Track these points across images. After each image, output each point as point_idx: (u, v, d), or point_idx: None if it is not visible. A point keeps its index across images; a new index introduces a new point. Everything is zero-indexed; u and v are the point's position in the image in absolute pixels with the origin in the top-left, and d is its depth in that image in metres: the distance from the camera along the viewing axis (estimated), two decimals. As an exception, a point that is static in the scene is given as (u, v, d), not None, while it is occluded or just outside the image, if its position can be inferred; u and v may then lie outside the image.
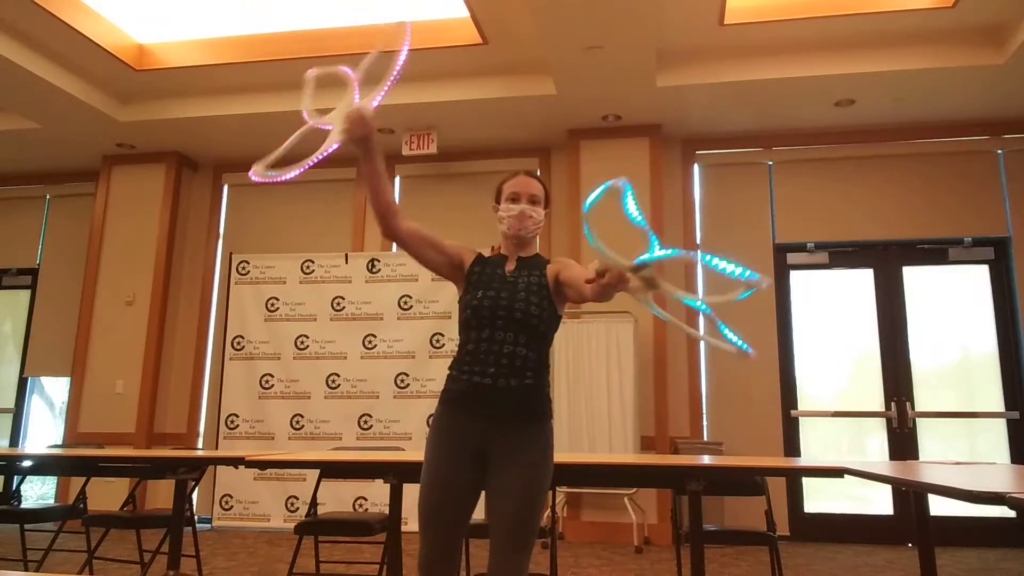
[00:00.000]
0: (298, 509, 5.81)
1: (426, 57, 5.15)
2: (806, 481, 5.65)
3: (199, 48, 5.50)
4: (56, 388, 7.10)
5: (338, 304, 6.15)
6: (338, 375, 6.02)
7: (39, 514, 3.95)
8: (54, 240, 7.15)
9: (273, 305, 6.23)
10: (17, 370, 6.98)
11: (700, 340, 1.42)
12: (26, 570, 3.91)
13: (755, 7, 4.85)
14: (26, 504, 5.35)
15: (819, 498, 5.67)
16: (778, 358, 5.79)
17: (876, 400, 5.70)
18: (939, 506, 3.72)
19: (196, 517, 4.00)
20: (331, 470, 3.53)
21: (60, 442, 5.88)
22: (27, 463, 3.71)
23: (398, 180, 6.58)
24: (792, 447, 5.70)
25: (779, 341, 5.83)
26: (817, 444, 5.79)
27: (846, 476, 2.40)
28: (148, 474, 4.19)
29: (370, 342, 6.03)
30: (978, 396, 5.63)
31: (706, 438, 5.72)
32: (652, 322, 5.59)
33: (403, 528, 2.74)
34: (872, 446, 5.70)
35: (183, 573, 3.11)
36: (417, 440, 5.70)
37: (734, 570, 4.39)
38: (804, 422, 5.79)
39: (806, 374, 5.84)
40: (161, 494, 6.21)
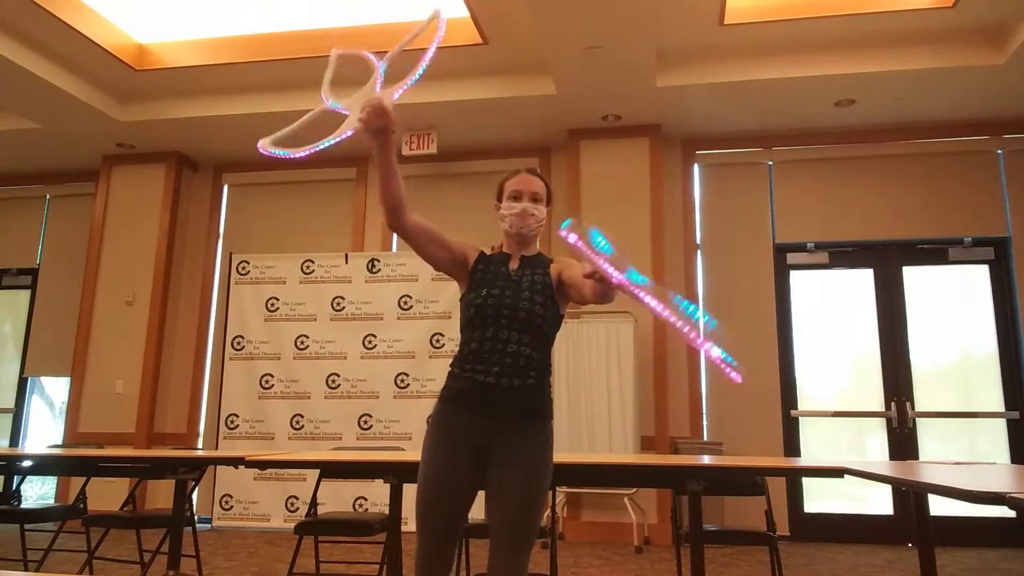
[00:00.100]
0: (298, 509, 5.81)
1: (421, 56, 5.13)
2: (806, 481, 5.65)
3: (199, 48, 5.50)
4: (56, 388, 7.10)
5: (338, 304, 6.15)
6: (338, 375, 6.02)
7: (39, 514, 3.95)
8: (54, 240, 7.15)
9: (273, 305, 6.23)
10: (17, 370, 6.98)
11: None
12: (26, 570, 3.91)
13: (755, 7, 4.85)
14: (26, 504, 5.35)
15: (819, 498, 5.67)
16: (778, 358, 5.80)
17: (876, 400, 5.70)
18: (939, 506, 3.72)
19: (196, 517, 4.00)
20: (331, 470, 3.53)
21: (60, 442, 5.88)
22: (27, 463, 3.71)
23: (398, 180, 6.58)
24: (792, 447, 5.70)
25: (779, 341, 5.83)
26: (817, 444, 5.79)
27: (846, 476, 2.40)
28: (148, 474, 4.19)
29: (370, 342, 6.03)
30: (978, 396, 5.62)
31: (706, 438, 5.72)
32: (652, 322, 5.59)
33: (403, 528, 2.74)
34: (872, 446, 5.70)
35: (183, 573, 3.11)
36: (417, 440, 5.70)
37: (734, 570, 4.39)
38: (804, 422, 5.79)
39: (806, 374, 5.84)
40: (161, 494, 6.21)
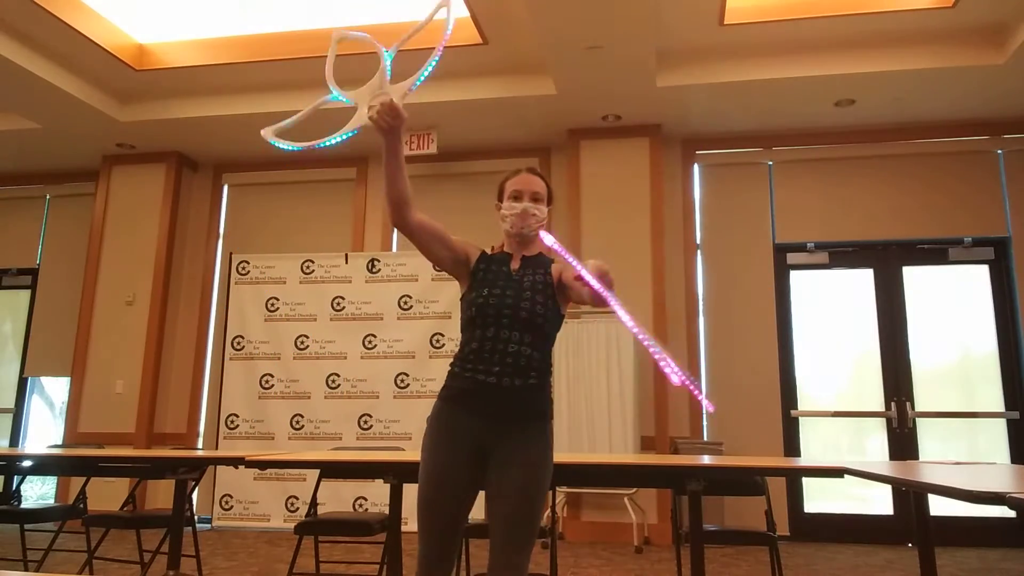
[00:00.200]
0: (298, 509, 5.81)
1: (426, 57, 5.13)
2: (806, 481, 5.65)
3: (199, 48, 5.50)
4: (56, 388, 7.10)
5: (338, 304, 6.15)
6: (338, 375, 6.02)
7: (39, 514, 3.95)
8: (54, 240, 7.15)
9: (273, 305, 6.23)
10: (17, 370, 6.98)
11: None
12: (26, 570, 3.91)
13: (755, 7, 4.85)
14: (26, 504, 5.35)
15: (819, 498, 5.67)
16: (778, 358, 5.80)
17: (876, 400, 5.70)
18: (939, 506, 3.72)
19: (196, 517, 4.00)
20: (331, 470, 3.53)
21: (60, 442, 5.88)
22: (27, 463, 3.71)
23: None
24: (792, 447, 5.70)
25: (779, 341, 5.83)
26: (817, 444, 5.79)
27: (846, 476, 2.40)
28: (148, 474, 4.19)
29: (370, 342, 6.03)
30: (978, 396, 5.62)
31: (706, 438, 5.72)
32: (652, 321, 5.59)
33: (403, 528, 2.74)
34: (872, 446, 5.70)
35: (183, 573, 3.11)
36: (417, 440, 5.63)
37: (734, 570, 4.39)
38: (804, 422, 5.79)
39: (806, 374, 5.84)
40: (161, 494, 6.21)
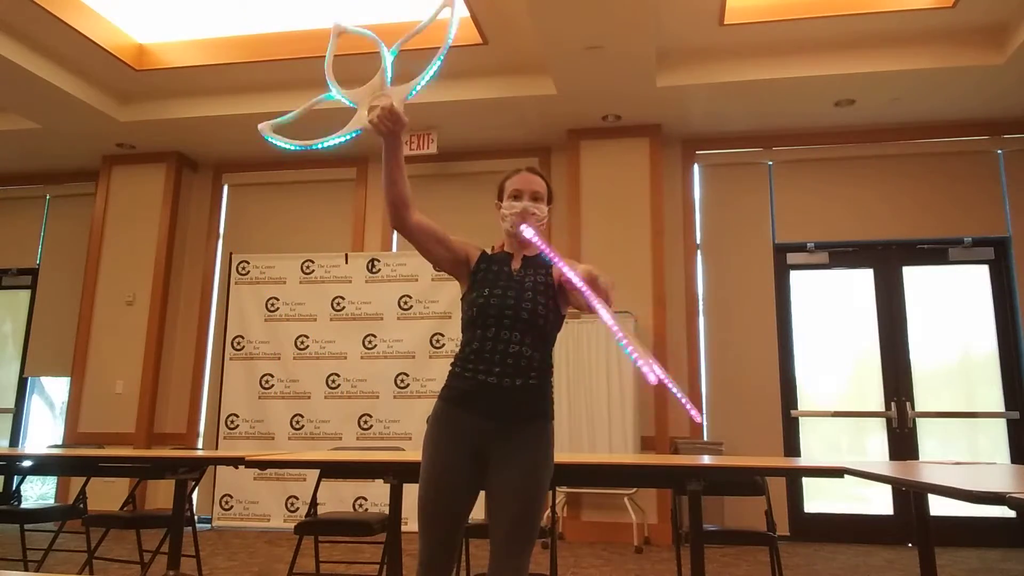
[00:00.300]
0: (298, 509, 5.81)
1: (427, 57, 5.14)
2: (806, 481, 5.65)
3: (199, 48, 5.50)
4: (56, 388, 7.10)
5: (338, 304, 6.15)
6: (338, 375, 6.02)
7: (39, 514, 3.94)
8: (54, 240, 7.15)
9: (273, 305, 6.23)
10: (17, 370, 6.98)
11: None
12: (26, 570, 3.91)
13: (755, 7, 4.85)
14: (26, 504, 5.35)
15: (819, 498, 5.67)
16: (778, 358, 5.80)
17: (876, 400, 5.70)
18: (939, 506, 3.72)
19: (196, 517, 4.00)
20: (331, 470, 3.53)
21: (60, 442, 5.89)
22: (27, 463, 3.71)
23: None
24: (792, 447, 5.70)
25: (779, 341, 5.83)
26: (817, 444, 5.78)
27: (846, 476, 2.39)
28: (148, 474, 4.18)
29: (370, 342, 6.03)
30: (978, 396, 5.62)
31: (706, 438, 5.72)
32: (652, 321, 5.59)
33: (403, 528, 2.74)
34: (872, 446, 5.70)
35: (183, 573, 3.10)
36: (417, 440, 5.70)
37: (734, 570, 4.39)
38: (804, 422, 5.79)
39: (806, 374, 5.84)
40: (161, 494, 6.21)
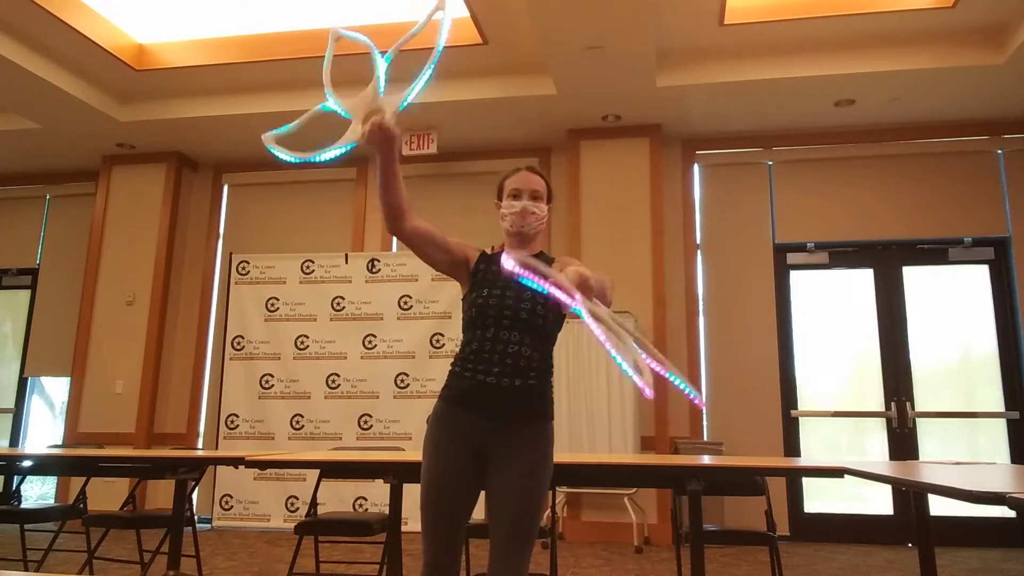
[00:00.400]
0: (298, 509, 5.81)
1: (426, 57, 5.14)
2: (806, 481, 5.65)
3: (199, 48, 5.50)
4: (56, 388, 7.10)
5: (338, 304, 6.15)
6: (338, 375, 6.02)
7: (39, 514, 3.94)
8: (54, 240, 7.15)
9: (273, 305, 6.23)
10: (17, 370, 6.98)
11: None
12: (26, 570, 3.91)
13: (755, 7, 4.85)
14: (26, 504, 5.35)
15: (819, 498, 5.67)
16: (778, 358, 5.80)
17: (876, 400, 5.70)
18: (939, 506, 3.72)
19: (196, 517, 4.00)
20: (331, 470, 3.53)
21: (60, 442, 5.89)
22: (27, 463, 3.71)
23: (398, 180, 6.57)
24: (792, 447, 5.70)
25: (779, 341, 5.83)
26: (817, 444, 5.78)
27: (846, 476, 2.39)
28: (148, 474, 4.19)
29: (370, 342, 6.03)
30: (978, 396, 5.62)
31: (706, 438, 5.72)
32: (652, 321, 5.59)
33: (403, 528, 2.74)
34: (872, 446, 5.70)
35: (183, 573, 3.10)
36: (417, 440, 5.70)
37: (734, 570, 4.39)
38: (804, 422, 5.78)
39: (806, 374, 5.84)
40: (161, 494, 6.21)
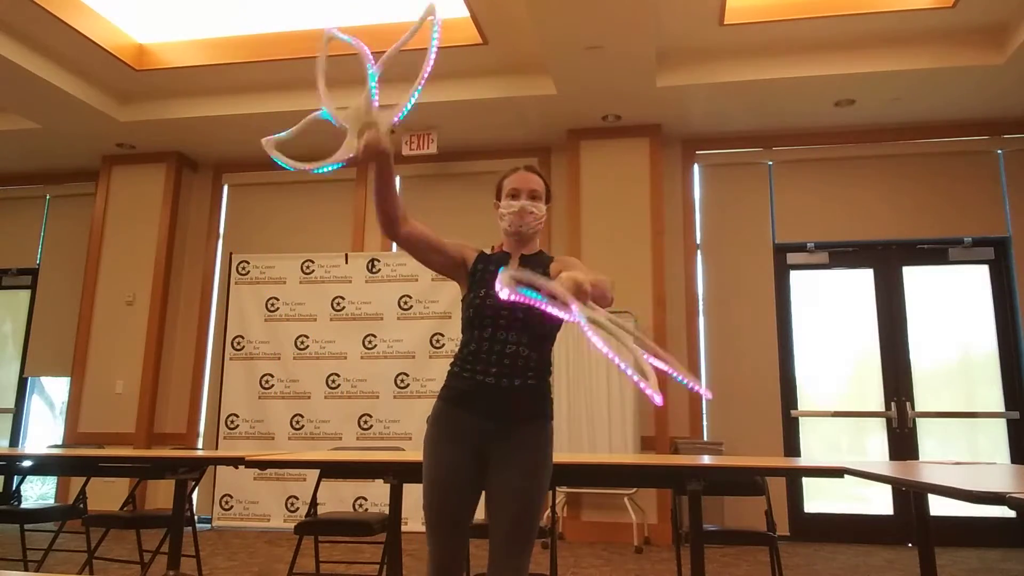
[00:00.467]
0: (298, 509, 5.81)
1: (421, 57, 5.14)
2: (806, 481, 5.65)
3: (199, 48, 5.50)
4: (56, 388, 7.10)
5: (338, 304, 6.15)
6: (338, 375, 6.02)
7: (39, 514, 3.94)
8: (54, 240, 7.15)
9: (273, 305, 6.23)
10: (17, 370, 6.98)
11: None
12: (26, 570, 3.91)
13: (755, 7, 4.85)
14: (26, 504, 5.35)
15: (819, 498, 5.67)
16: (778, 358, 5.80)
17: (876, 400, 5.70)
18: (939, 506, 3.72)
19: (196, 517, 4.00)
20: (331, 470, 3.53)
21: (60, 442, 5.89)
22: (27, 463, 3.71)
23: (398, 181, 6.56)
24: (792, 447, 5.70)
25: (779, 341, 5.83)
26: (817, 444, 5.78)
27: (846, 476, 2.40)
28: (148, 474, 4.19)
29: (370, 342, 6.03)
30: (978, 396, 5.62)
31: (706, 438, 5.72)
32: (652, 321, 5.59)
33: (403, 528, 2.74)
34: (872, 446, 5.70)
35: (183, 573, 3.11)
36: (417, 440, 5.70)
37: (734, 570, 4.39)
38: (804, 422, 5.78)
39: (806, 374, 5.84)
40: (161, 494, 6.21)
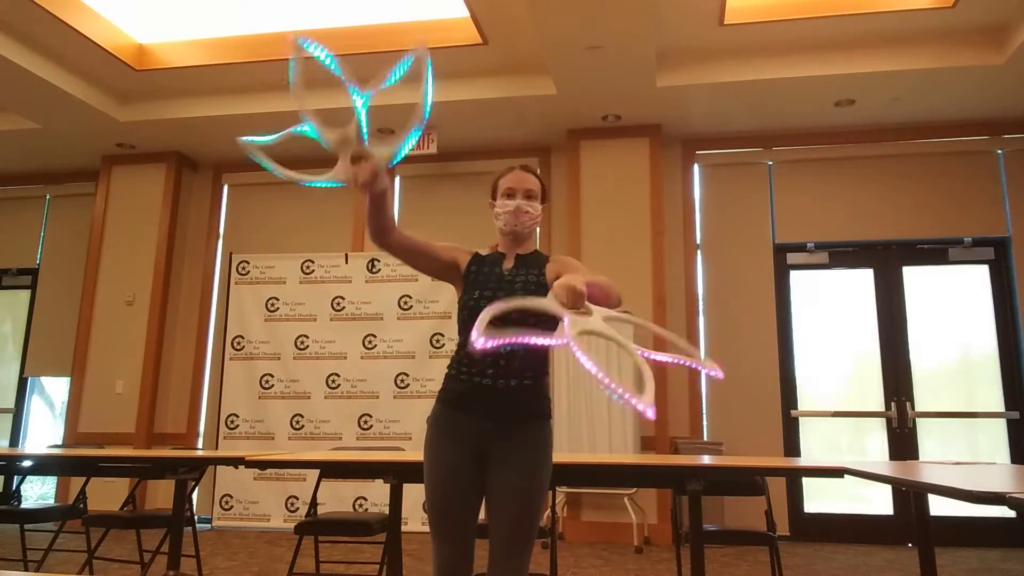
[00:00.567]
0: (298, 509, 5.81)
1: (425, 57, 5.14)
2: (806, 481, 5.65)
3: (199, 48, 5.50)
4: (56, 388, 7.10)
5: (338, 304, 6.15)
6: (338, 375, 6.02)
7: (39, 514, 3.95)
8: (54, 240, 7.14)
9: (273, 305, 6.23)
10: (17, 370, 6.98)
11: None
12: (26, 570, 3.91)
13: (755, 7, 4.84)
14: (26, 504, 5.35)
15: (819, 498, 5.67)
16: (778, 358, 5.80)
17: (876, 400, 5.70)
18: (939, 506, 3.72)
19: (196, 517, 4.00)
20: (331, 470, 3.53)
21: (60, 442, 5.89)
22: (27, 463, 3.71)
23: (398, 180, 6.57)
24: (792, 447, 5.70)
25: (779, 341, 5.83)
26: (817, 444, 5.78)
27: (846, 476, 2.39)
28: (148, 474, 4.19)
29: (370, 342, 6.03)
30: (978, 396, 5.62)
31: (706, 438, 5.72)
32: (652, 321, 5.57)
33: (403, 528, 2.74)
34: (872, 446, 5.70)
35: (183, 573, 3.11)
36: (417, 440, 5.70)
37: (734, 570, 4.39)
38: (804, 422, 5.78)
39: (806, 374, 5.84)
40: (161, 494, 6.20)
